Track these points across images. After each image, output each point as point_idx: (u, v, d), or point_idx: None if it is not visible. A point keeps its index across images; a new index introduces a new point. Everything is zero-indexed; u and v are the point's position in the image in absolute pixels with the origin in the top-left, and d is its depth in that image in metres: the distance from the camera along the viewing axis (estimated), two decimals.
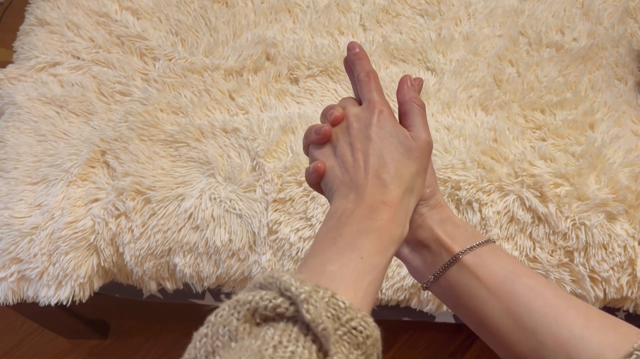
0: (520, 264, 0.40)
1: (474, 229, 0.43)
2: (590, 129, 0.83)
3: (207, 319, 0.29)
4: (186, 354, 0.29)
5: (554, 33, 0.95)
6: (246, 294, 0.28)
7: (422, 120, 0.43)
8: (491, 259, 0.39)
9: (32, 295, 0.78)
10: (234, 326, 0.27)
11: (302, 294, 0.27)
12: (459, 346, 1.17)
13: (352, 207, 0.37)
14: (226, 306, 0.29)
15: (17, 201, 0.80)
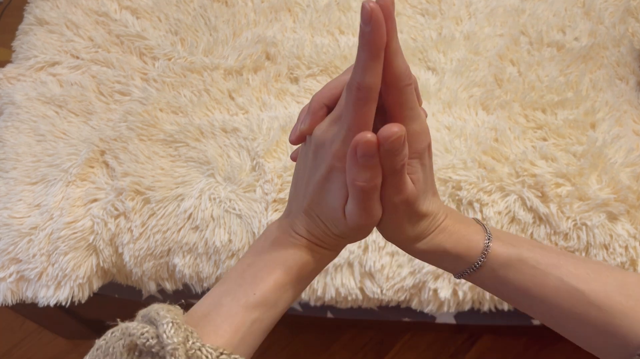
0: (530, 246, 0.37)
1: (476, 227, 0.39)
2: (591, 129, 0.83)
3: (105, 334, 0.33)
4: (90, 351, 0.33)
5: (555, 32, 0.95)
6: (134, 324, 0.32)
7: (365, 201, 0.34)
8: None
9: (31, 296, 0.78)
10: (118, 351, 0.32)
11: (169, 346, 0.30)
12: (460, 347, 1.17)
13: (280, 234, 0.38)
14: (119, 329, 0.33)
15: (16, 201, 0.80)
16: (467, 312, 0.80)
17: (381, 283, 0.75)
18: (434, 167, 0.79)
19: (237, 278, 0.36)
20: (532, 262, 0.34)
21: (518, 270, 0.34)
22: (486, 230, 0.37)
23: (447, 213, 0.38)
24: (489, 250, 0.34)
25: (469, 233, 0.37)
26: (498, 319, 0.83)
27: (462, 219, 0.38)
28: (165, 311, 0.32)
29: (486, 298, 0.76)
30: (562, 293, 0.33)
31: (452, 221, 0.37)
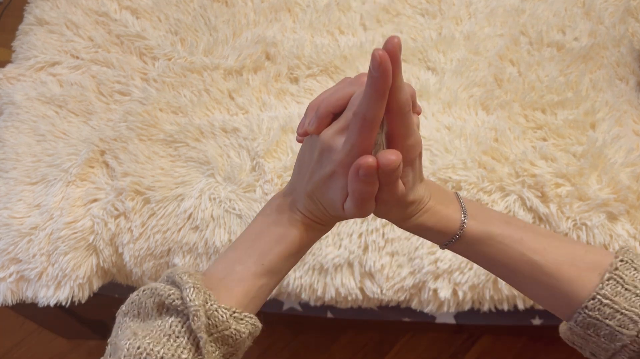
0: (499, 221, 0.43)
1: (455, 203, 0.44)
2: (591, 129, 0.83)
3: (137, 290, 0.40)
4: (126, 302, 0.41)
5: (555, 32, 0.95)
6: (162, 286, 0.39)
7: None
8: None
9: (31, 296, 0.78)
10: (149, 306, 0.39)
11: (192, 307, 0.37)
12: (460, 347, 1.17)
13: (284, 209, 0.43)
14: (149, 289, 0.39)
15: (16, 201, 0.80)
16: (467, 312, 0.80)
17: (381, 283, 0.75)
18: (434, 167, 0.79)
19: (248, 248, 0.42)
20: (499, 238, 0.40)
21: (488, 245, 0.41)
22: (463, 209, 0.42)
23: (431, 194, 0.43)
24: (464, 227, 0.40)
25: (449, 213, 0.42)
26: (498, 320, 0.83)
27: (443, 199, 0.43)
28: (188, 276, 0.39)
29: (486, 298, 0.76)
30: (522, 263, 0.39)
31: (434, 202, 0.43)
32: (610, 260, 0.38)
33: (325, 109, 0.38)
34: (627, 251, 0.39)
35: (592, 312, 0.38)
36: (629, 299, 0.37)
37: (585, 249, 0.39)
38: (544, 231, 0.41)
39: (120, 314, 0.41)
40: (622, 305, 0.37)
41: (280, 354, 1.17)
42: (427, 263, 0.74)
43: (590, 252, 0.39)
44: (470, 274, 0.74)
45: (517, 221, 0.41)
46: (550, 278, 0.39)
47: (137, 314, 0.40)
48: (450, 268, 0.74)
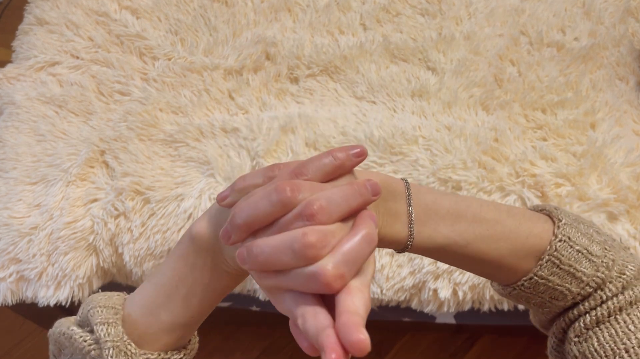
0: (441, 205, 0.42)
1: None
2: (591, 129, 0.83)
3: (56, 328, 0.42)
4: (50, 339, 0.43)
5: (555, 32, 0.95)
6: (79, 337, 0.40)
7: None
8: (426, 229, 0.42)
9: (31, 296, 0.78)
10: (62, 346, 0.41)
11: (108, 358, 0.38)
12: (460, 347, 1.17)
13: (207, 253, 0.40)
14: (66, 334, 0.41)
15: (16, 201, 0.80)
16: (467, 312, 0.80)
17: (381, 283, 0.75)
18: (434, 167, 0.79)
19: (172, 294, 0.41)
20: (446, 248, 0.41)
21: (437, 253, 0.42)
22: (410, 219, 0.41)
23: (381, 215, 0.41)
24: (411, 244, 0.41)
25: (394, 234, 0.41)
26: (498, 319, 0.83)
27: (389, 214, 0.41)
28: (106, 330, 0.39)
29: (486, 298, 0.76)
30: (467, 263, 0.42)
31: (383, 217, 0.41)
32: (550, 238, 0.40)
33: (245, 224, 0.35)
34: (565, 225, 0.41)
35: (527, 289, 0.41)
36: (562, 277, 0.40)
37: (527, 232, 0.41)
38: (490, 219, 0.41)
39: (51, 355, 0.43)
40: (555, 282, 0.40)
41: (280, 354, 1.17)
42: (427, 263, 0.74)
43: (532, 235, 0.41)
44: (470, 274, 0.74)
45: (465, 215, 0.41)
46: (492, 269, 0.42)
47: (59, 355, 0.42)
48: (450, 268, 0.74)
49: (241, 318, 1.10)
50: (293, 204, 0.34)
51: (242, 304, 0.90)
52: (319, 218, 0.33)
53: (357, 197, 0.35)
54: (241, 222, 0.35)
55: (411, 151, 0.80)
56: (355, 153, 0.37)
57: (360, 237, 0.33)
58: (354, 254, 0.33)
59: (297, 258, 0.32)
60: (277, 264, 0.33)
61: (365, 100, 0.89)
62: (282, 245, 0.33)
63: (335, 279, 0.32)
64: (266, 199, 0.34)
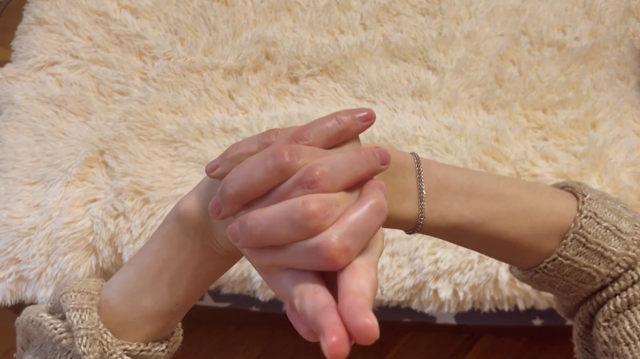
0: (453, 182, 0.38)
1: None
2: (592, 129, 0.83)
3: (24, 316, 0.38)
4: (17, 330, 0.39)
5: (556, 32, 0.95)
6: (49, 324, 0.35)
7: None
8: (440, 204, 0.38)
9: (30, 296, 0.78)
10: (39, 339, 0.37)
11: (81, 347, 0.34)
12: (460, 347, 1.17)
13: (196, 233, 0.36)
14: (35, 321, 0.36)
15: (15, 201, 0.80)
16: (468, 312, 0.80)
17: (381, 283, 0.75)
18: None
19: (155, 280, 0.37)
20: (460, 227, 0.38)
21: (450, 234, 0.39)
22: (420, 197, 0.37)
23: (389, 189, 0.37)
24: (423, 220, 0.37)
25: (403, 212, 0.37)
26: (498, 320, 0.82)
27: (398, 191, 0.37)
28: (79, 316, 0.35)
29: (486, 299, 0.76)
30: (486, 240, 0.38)
31: (391, 194, 0.37)
32: (574, 215, 0.37)
33: (237, 194, 0.31)
34: (590, 201, 0.37)
35: (551, 272, 0.38)
36: (589, 257, 0.37)
37: (549, 208, 0.38)
38: (508, 195, 0.38)
39: (18, 347, 0.39)
40: (582, 263, 0.37)
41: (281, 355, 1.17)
42: (427, 263, 0.74)
43: (554, 212, 0.37)
44: (470, 274, 0.74)
45: (480, 191, 0.37)
46: (511, 250, 0.39)
47: (25, 344, 0.39)
48: (451, 268, 0.74)
49: (241, 318, 1.10)
50: (292, 170, 0.30)
51: (242, 304, 0.90)
52: (322, 185, 0.29)
53: (364, 164, 0.31)
54: (233, 192, 0.30)
55: (411, 151, 0.80)
56: (362, 116, 0.33)
57: (369, 207, 0.29)
58: (362, 225, 0.29)
59: (297, 229, 0.28)
60: (274, 238, 0.29)
61: (366, 100, 0.89)
62: (279, 216, 0.28)
63: (340, 253, 0.28)
64: (261, 165, 0.30)
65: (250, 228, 0.29)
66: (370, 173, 0.31)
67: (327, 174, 0.29)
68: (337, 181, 0.30)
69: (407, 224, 0.38)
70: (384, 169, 0.32)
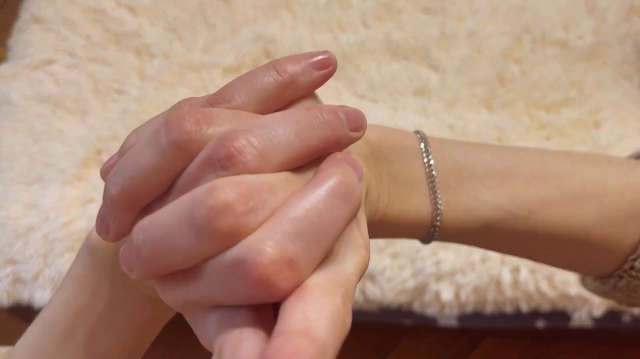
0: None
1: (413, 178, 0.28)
2: (595, 128, 0.82)
3: None
4: None
5: (558, 30, 0.94)
6: None
7: None
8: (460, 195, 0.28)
9: (27, 297, 0.77)
10: None
11: None
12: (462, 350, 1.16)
13: (114, 272, 0.26)
14: None
15: (12, 201, 0.79)
16: (470, 315, 0.79)
17: (382, 284, 0.75)
18: None
19: (65, 340, 0.26)
20: (500, 226, 0.27)
21: (481, 236, 0.28)
22: (432, 186, 0.27)
23: (379, 191, 0.27)
24: (440, 220, 0.27)
25: (411, 209, 0.27)
26: (501, 322, 0.82)
27: (401, 182, 0.27)
28: None
29: (489, 301, 0.75)
30: (536, 240, 0.28)
31: (389, 200, 0.27)
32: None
33: (123, 195, 0.21)
34: None
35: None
36: None
37: (621, 183, 0.27)
38: (561, 171, 0.27)
39: None
40: None
41: None
42: (429, 264, 0.73)
43: (630, 188, 0.27)
44: (472, 276, 0.73)
45: (518, 170, 0.27)
46: (576, 250, 0.28)
47: None
48: (453, 269, 0.74)
49: None
50: (198, 146, 0.19)
51: None
52: (244, 161, 0.18)
53: (319, 128, 0.19)
54: (116, 193, 0.21)
55: None
56: (316, 61, 0.22)
57: (327, 189, 0.18)
58: (315, 221, 0.17)
59: (202, 236, 0.17)
60: (173, 256, 0.18)
61: (366, 99, 0.89)
62: (175, 219, 0.18)
63: (279, 269, 0.16)
64: (151, 145, 0.19)
65: (139, 247, 0.18)
66: (330, 143, 0.20)
67: (253, 145, 0.18)
68: (271, 155, 0.18)
69: (419, 228, 0.28)
70: (356, 137, 0.21)
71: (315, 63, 0.22)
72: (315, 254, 0.17)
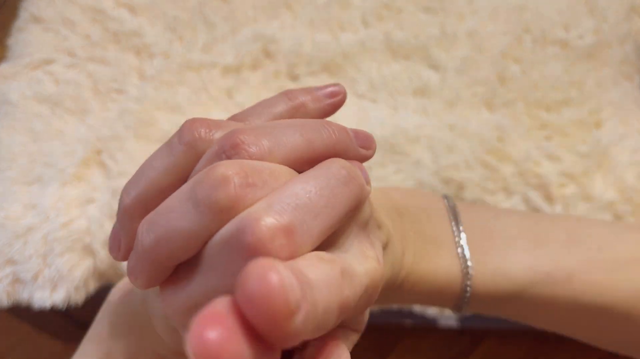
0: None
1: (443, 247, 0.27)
2: (596, 128, 0.82)
3: None
4: None
5: (559, 30, 0.94)
6: None
7: None
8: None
9: (27, 298, 0.77)
10: None
11: None
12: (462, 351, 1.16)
13: (142, 331, 0.25)
14: None
15: (11, 201, 0.79)
16: (470, 315, 0.79)
17: None
18: (436, 166, 0.77)
19: None
20: (538, 290, 0.24)
21: (518, 301, 0.25)
22: (460, 244, 0.25)
23: (403, 247, 0.25)
24: (471, 282, 0.24)
25: (439, 263, 0.25)
26: (501, 322, 0.82)
27: (426, 241, 0.25)
28: None
29: None
30: (576, 314, 0.25)
31: (413, 259, 0.25)
32: None
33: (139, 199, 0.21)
34: None
35: None
36: None
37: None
38: (597, 236, 0.25)
39: None
40: None
41: None
42: None
43: None
44: None
45: (553, 233, 0.25)
46: (626, 321, 0.25)
47: None
48: None
49: None
50: (207, 145, 0.20)
51: None
52: (249, 150, 0.18)
53: (327, 134, 0.20)
54: (130, 201, 0.20)
55: (413, 150, 0.79)
56: (326, 92, 0.23)
57: (326, 172, 0.18)
58: (313, 197, 0.17)
59: (202, 212, 0.17)
60: (176, 240, 0.17)
61: (366, 99, 0.88)
62: (178, 200, 0.18)
63: (274, 235, 0.16)
64: (165, 150, 0.21)
65: (143, 239, 0.18)
66: (336, 150, 0.20)
67: (258, 138, 0.19)
68: (276, 149, 0.19)
69: (449, 290, 0.26)
70: (366, 156, 0.21)
71: (325, 93, 0.24)
72: (314, 229, 0.17)
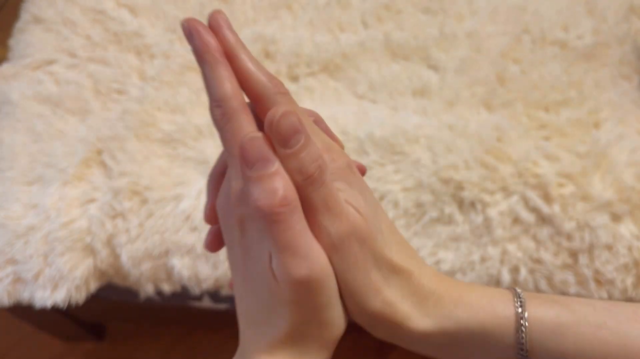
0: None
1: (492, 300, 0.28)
2: (594, 128, 0.82)
3: None
4: None
5: (558, 30, 0.94)
6: None
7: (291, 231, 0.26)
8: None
9: (27, 297, 0.77)
10: None
11: None
12: None
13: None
14: None
15: (12, 201, 0.79)
16: None
17: None
18: (436, 166, 0.77)
19: None
20: (574, 327, 0.26)
21: (557, 341, 0.26)
22: (516, 293, 0.26)
23: (439, 278, 0.27)
24: (527, 317, 0.24)
25: (490, 301, 0.26)
26: None
27: (467, 285, 0.27)
28: None
29: None
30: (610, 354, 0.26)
31: (454, 287, 0.27)
32: None
33: (212, 176, 0.30)
34: None
35: None
36: None
37: None
38: (618, 305, 0.27)
39: None
40: None
41: None
42: (429, 264, 0.73)
43: None
44: (472, 275, 0.73)
45: (576, 299, 0.27)
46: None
47: None
48: (453, 269, 0.74)
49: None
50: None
51: None
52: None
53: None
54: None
55: (413, 150, 0.79)
56: None
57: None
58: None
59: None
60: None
61: (366, 99, 0.89)
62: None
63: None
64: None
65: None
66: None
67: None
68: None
69: (501, 330, 0.26)
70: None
71: None
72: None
